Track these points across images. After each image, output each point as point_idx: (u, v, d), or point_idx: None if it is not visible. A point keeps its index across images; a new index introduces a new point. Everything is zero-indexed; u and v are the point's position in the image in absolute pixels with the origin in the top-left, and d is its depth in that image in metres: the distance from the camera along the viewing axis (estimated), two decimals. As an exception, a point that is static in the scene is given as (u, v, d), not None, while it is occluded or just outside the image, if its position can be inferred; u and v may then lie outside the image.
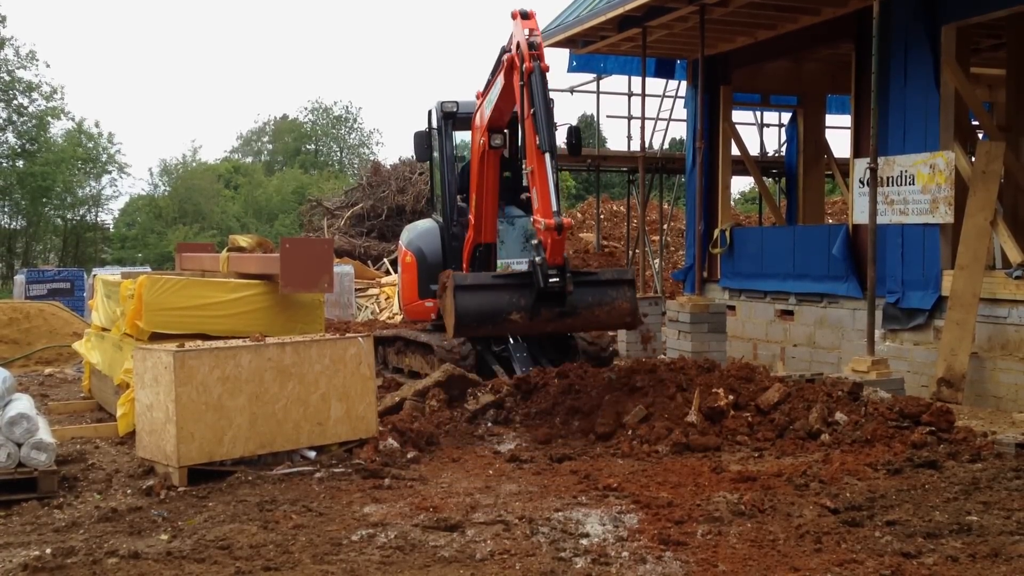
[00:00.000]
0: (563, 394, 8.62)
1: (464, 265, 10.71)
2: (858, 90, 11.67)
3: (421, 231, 11.54)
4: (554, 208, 7.71)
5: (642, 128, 14.19)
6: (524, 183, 10.69)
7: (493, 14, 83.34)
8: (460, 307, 7.80)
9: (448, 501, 5.71)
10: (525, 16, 8.49)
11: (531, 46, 8.13)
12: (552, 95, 11.73)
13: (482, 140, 9.70)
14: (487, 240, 10.37)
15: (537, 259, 7.73)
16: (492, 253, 10.49)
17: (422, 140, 11.33)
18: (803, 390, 7.83)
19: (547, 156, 7.88)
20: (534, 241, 7.88)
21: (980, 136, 12.77)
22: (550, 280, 7.62)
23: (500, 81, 9.02)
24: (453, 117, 11.05)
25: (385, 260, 23.77)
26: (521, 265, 10.79)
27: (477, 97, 10.09)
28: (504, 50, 8.82)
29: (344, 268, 19.45)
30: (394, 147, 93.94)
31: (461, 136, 12.00)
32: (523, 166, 8.17)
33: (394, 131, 64.22)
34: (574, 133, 10.77)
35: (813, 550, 4.72)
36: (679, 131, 31.62)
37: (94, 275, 14.71)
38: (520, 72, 8.20)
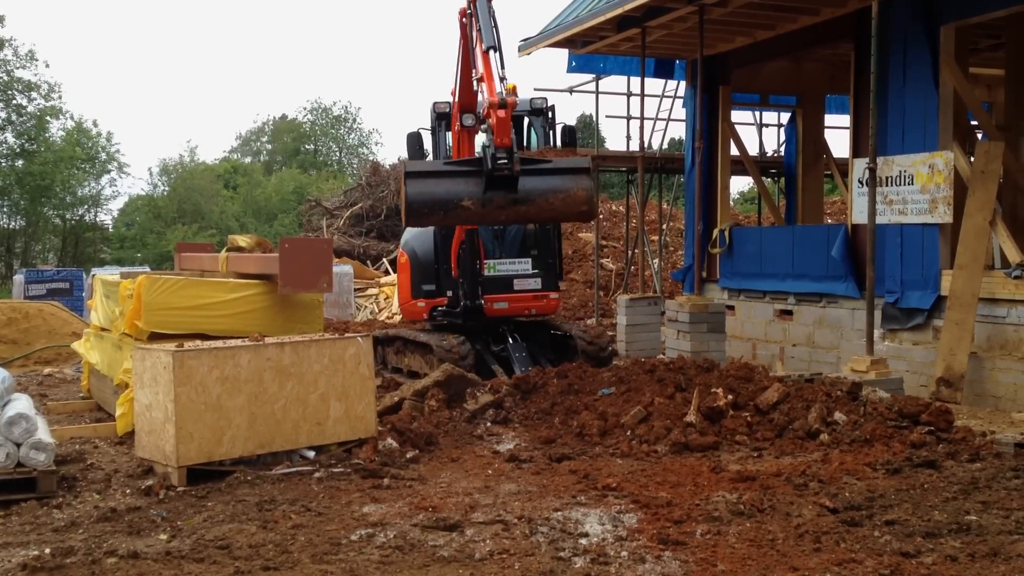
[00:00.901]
0: (562, 394, 8.63)
1: (452, 262, 10.75)
2: (857, 90, 11.67)
3: (417, 232, 11.59)
4: (499, 89, 7.68)
5: (641, 128, 14.20)
6: None
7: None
8: (411, 194, 7.74)
9: (447, 501, 5.72)
10: None
11: None
12: (551, 95, 11.77)
13: (458, 125, 9.84)
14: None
15: (485, 141, 7.71)
16: (473, 244, 10.47)
17: (414, 141, 11.40)
18: (802, 390, 7.83)
19: (491, 53, 7.97)
20: (483, 126, 7.84)
21: (979, 136, 12.77)
22: (498, 162, 7.53)
23: (460, 45, 9.15)
24: (447, 117, 11.09)
25: (384, 260, 23.78)
26: (514, 265, 10.82)
27: (451, 95, 10.19)
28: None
29: (343, 268, 19.45)
30: (393, 147, 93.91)
31: None
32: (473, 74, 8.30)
33: (393, 131, 64.36)
34: (568, 132, 10.76)
35: (812, 550, 4.72)
36: (678, 131, 31.56)
37: (93, 275, 14.70)
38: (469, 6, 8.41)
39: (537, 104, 11.00)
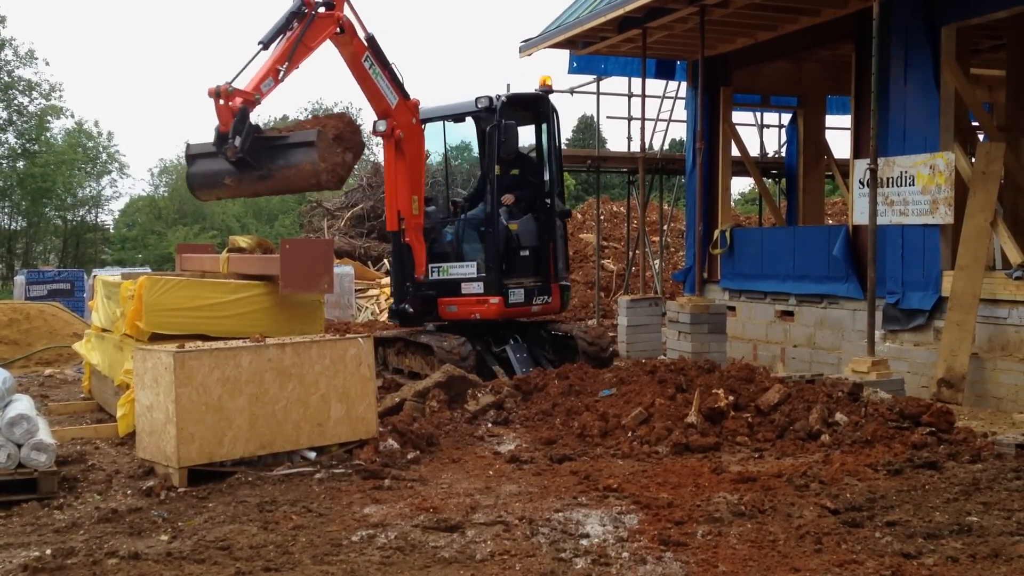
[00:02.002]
0: (563, 395, 8.63)
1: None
2: (858, 91, 11.67)
3: None
4: (232, 81, 8.20)
5: (642, 129, 14.19)
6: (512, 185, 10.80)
7: (492, 15, 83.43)
8: (189, 173, 9.09)
9: (448, 502, 5.72)
10: None
11: None
12: (552, 96, 11.69)
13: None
14: (389, 228, 10.59)
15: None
16: (399, 248, 10.57)
17: None
18: (803, 391, 7.83)
19: (260, 47, 8.59)
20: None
21: (980, 137, 12.76)
22: (222, 147, 8.24)
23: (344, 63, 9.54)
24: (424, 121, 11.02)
25: (385, 261, 23.78)
26: (462, 269, 10.84)
27: None
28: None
29: (344, 269, 19.46)
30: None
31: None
32: None
33: (394, 132, 64.02)
34: (505, 130, 10.37)
35: (813, 551, 4.72)
36: (679, 132, 31.66)
37: (94, 276, 14.71)
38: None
39: (482, 103, 10.70)
